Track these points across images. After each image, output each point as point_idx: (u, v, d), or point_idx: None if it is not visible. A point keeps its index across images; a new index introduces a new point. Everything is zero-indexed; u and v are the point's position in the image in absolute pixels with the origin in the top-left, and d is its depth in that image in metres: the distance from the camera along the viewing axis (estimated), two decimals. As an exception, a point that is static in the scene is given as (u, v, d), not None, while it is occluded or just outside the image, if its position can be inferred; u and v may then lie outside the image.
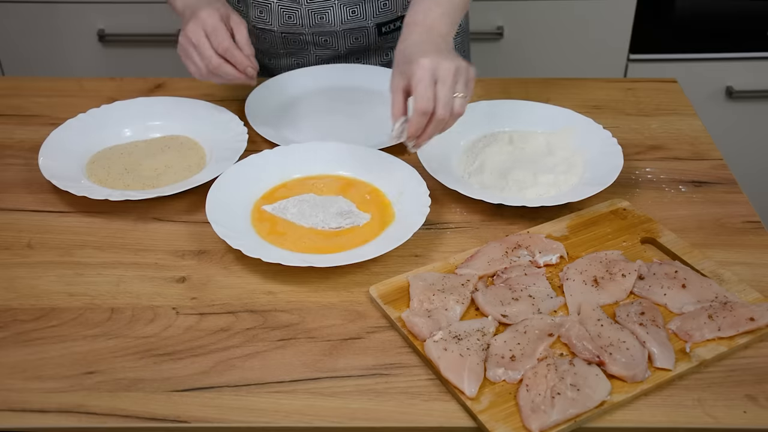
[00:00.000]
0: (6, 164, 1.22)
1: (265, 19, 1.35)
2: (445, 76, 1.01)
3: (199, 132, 1.27)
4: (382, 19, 1.37)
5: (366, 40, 1.39)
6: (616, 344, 0.89)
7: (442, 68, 1.01)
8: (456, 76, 1.02)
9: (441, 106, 1.01)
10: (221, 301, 0.99)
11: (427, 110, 1.01)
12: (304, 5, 1.32)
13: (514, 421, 0.83)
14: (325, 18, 1.33)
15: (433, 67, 1.01)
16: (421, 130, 1.03)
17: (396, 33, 1.39)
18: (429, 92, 1.01)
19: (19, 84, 1.42)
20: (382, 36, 1.39)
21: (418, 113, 1.02)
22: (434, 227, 1.10)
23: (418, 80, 1.01)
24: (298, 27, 1.35)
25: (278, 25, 1.35)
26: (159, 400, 0.87)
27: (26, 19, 2.07)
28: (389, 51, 1.43)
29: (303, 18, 1.34)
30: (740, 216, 1.12)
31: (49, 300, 0.99)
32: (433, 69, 1.01)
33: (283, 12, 1.33)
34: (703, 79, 2.12)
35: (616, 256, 1.02)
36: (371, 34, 1.38)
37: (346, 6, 1.33)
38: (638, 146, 1.26)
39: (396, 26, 1.39)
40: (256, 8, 1.35)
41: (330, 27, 1.35)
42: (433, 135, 1.05)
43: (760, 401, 0.86)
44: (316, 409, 0.86)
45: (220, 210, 1.07)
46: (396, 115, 1.06)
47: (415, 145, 1.06)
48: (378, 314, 0.97)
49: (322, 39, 1.37)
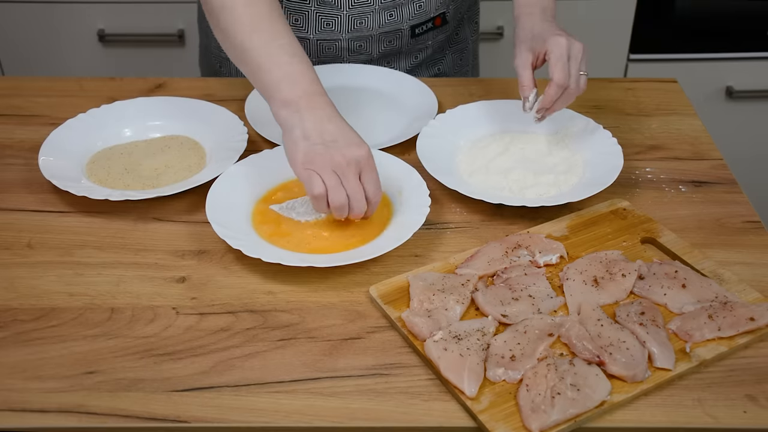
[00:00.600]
0: (6, 164, 1.22)
1: (301, 27, 1.34)
2: (576, 54, 1.11)
3: (199, 132, 1.27)
4: (416, 21, 1.37)
5: (399, 42, 1.38)
6: (616, 344, 0.89)
7: (574, 47, 1.11)
8: (583, 54, 1.12)
9: (573, 81, 1.11)
10: (221, 301, 0.99)
11: (564, 84, 1.10)
12: (345, 11, 1.31)
13: (514, 421, 0.83)
14: (364, 23, 1.33)
15: (568, 45, 1.11)
16: (553, 101, 1.12)
17: (428, 34, 1.40)
18: (566, 68, 1.10)
19: (19, 84, 1.41)
20: (415, 37, 1.39)
21: (556, 86, 1.10)
22: (434, 227, 1.10)
23: (557, 57, 1.10)
24: (335, 33, 1.34)
25: (314, 33, 1.34)
26: (159, 400, 0.87)
27: (26, 19, 2.07)
28: (419, 53, 1.43)
29: (342, 24, 1.33)
30: (740, 216, 1.12)
31: (49, 300, 0.99)
32: (568, 47, 1.11)
33: (321, 19, 1.32)
34: (703, 79, 2.12)
35: (616, 256, 1.02)
36: (405, 36, 1.38)
37: (385, 10, 1.33)
38: (638, 146, 1.26)
39: (428, 27, 1.39)
40: (290, 16, 1.33)
41: (367, 31, 1.34)
42: (560, 108, 1.14)
43: (760, 401, 0.86)
44: (316, 409, 0.86)
45: (220, 210, 1.07)
46: (528, 88, 1.14)
47: (542, 117, 1.15)
48: (378, 314, 0.97)
49: (357, 44, 1.36)
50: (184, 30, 2.09)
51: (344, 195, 0.99)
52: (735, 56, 2.10)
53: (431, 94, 1.34)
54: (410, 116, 1.31)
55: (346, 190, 0.99)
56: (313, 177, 0.99)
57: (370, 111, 1.34)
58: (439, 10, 1.38)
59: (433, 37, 1.42)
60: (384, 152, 1.18)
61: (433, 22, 1.38)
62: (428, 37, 1.40)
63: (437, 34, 1.42)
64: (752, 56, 2.10)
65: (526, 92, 1.14)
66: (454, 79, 1.44)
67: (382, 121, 1.31)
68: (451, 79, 1.44)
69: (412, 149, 1.21)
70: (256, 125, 1.26)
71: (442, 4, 1.37)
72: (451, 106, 1.31)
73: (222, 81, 1.43)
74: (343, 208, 1.00)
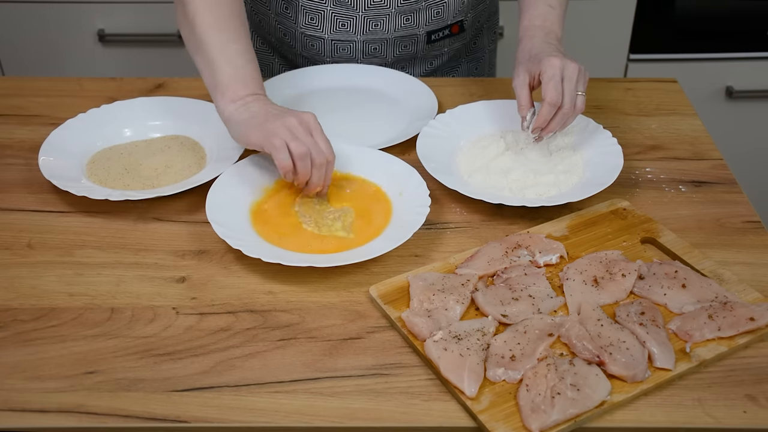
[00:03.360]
0: (6, 164, 1.22)
1: (316, 26, 1.35)
2: (571, 75, 1.12)
3: (199, 132, 1.27)
4: (432, 27, 1.37)
5: (414, 47, 1.39)
6: (616, 344, 0.89)
7: (569, 68, 1.13)
8: (579, 76, 1.13)
9: (567, 101, 1.12)
10: (221, 301, 0.99)
11: (556, 103, 1.12)
12: (361, 12, 1.32)
13: (514, 421, 0.83)
14: (379, 26, 1.34)
15: (561, 66, 1.12)
16: (548, 121, 1.14)
17: (444, 41, 1.40)
18: (559, 87, 1.12)
19: (19, 84, 1.41)
20: (431, 43, 1.39)
21: (548, 105, 1.12)
22: (434, 227, 1.10)
23: (549, 77, 1.12)
24: (350, 34, 1.35)
25: (329, 33, 1.35)
26: (159, 400, 0.87)
27: (26, 19, 2.07)
28: (434, 59, 1.43)
29: (357, 26, 1.34)
30: (740, 216, 1.12)
31: (49, 300, 0.99)
32: (561, 68, 1.12)
33: (336, 19, 1.33)
34: (703, 79, 2.12)
35: (616, 256, 1.02)
36: (420, 41, 1.38)
37: (401, 14, 1.33)
38: (638, 146, 1.26)
39: (445, 34, 1.39)
40: (306, 14, 1.34)
41: (382, 34, 1.35)
42: (556, 128, 1.15)
43: (760, 401, 0.86)
44: (316, 409, 0.86)
45: (220, 210, 1.07)
46: (525, 107, 1.17)
47: (539, 137, 1.17)
48: (378, 314, 0.97)
49: (372, 47, 1.37)
50: (184, 30, 2.09)
51: (304, 145, 1.05)
52: (735, 56, 2.10)
53: (431, 94, 1.34)
54: (410, 116, 1.31)
55: (304, 142, 1.06)
56: (270, 137, 1.06)
57: (370, 111, 1.34)
58: (457, 18, 1.38)
59: (450, 45, 1.42)
60: (384, 152, 1.18)
61: (450, 30, 1.38)
62: (444, 44, 1.40)
63: (454, 41, 1.42)
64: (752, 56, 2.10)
65: (524, 112, 1.17)
66: (454, 79, 1.44)
67: (382, 121, 1.31)
68: (451, 79, 1.44)
69: (412, 149, 1.21)
70: (256, 125, 1.26)
71: (460, 11, 1.37)
72: (451, 106, 1.31)
73: (222, 81, 1.43)
74: (306, 157, 1.05)
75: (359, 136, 1.26)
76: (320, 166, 1.06)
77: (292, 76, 1.39)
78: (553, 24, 1.22)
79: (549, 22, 1.22)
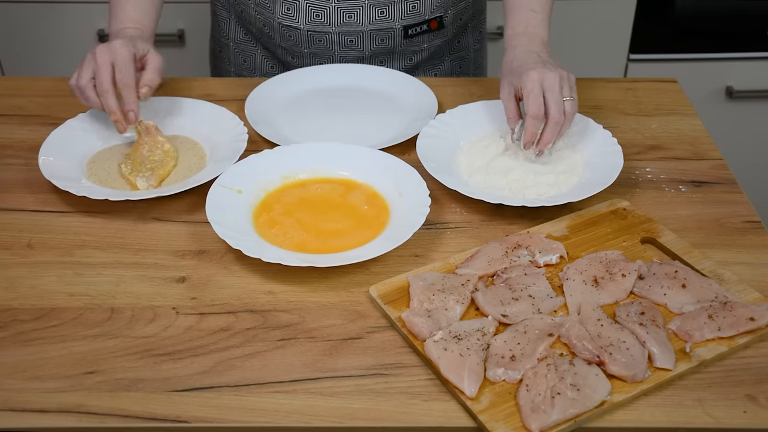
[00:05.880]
0: (6, 164, 1.22)
1: (292, 16, 1.36)
2: (551, 85, 1.12)
3: (199, 132, 1.27)
4: (409, 22, 1.37)
5: (392, 42, 1.39)
6: (616, 344, 0.89)
7: (548, 79, 1.12)
8: (561, 83, 1.12)
9: (554, 111, 1.12)
10: (221, 301, 0.99)
11: (538, 115, 1.12)
12: (333, 3, 1.33)
13: (514, 421, 0.83)
14: (353, 17, 1.34)
15: (540, 78, 1.12)
16: (537, 134, 1.14)
17: (422, 36, 1.40)
18: (539, 99, 1.12)
19: (19, 84, 1.42)
20: (408, 38, 1.39)
21: (531, 118, 1.12)
22: (434, 227, 1.10)
23: (528, 91, 1.12)
24: (325, 25, 1.35)
25: (305, 23, 1.36)
26: (159, 400, 0.87)
27: (26, 19, 2.07)
28: (413, 55, 1.44)
29: (331, 16, 1.34)
30: (740, 216, 1.12)
31: (49, 300, 0.99)
32: (540, 80, 1.12)
33: (311, 10, 1.34)
34: (703, 79, 2.12)
35: (616, 256, 1.02)
36: (397, 36, 1.38)
37: (375, 6, 1.33)
38: (638, 146, 1.26)
39: (422, 29, 1.39)
40: (283, 5, 1.35)
41: (357, 26, 1.35)
42: (552, 139, 1.14)
43: (760, 401, 0.86)
44: (316, 409, 0.86)
45: (220, 210, 1.07)
46: (512, 120, 1.17)
47: (539, 152, 1.15)
48: (378, 314, 0.97)
49: (347, 39, 1.37)
50: (184, 30, 2.09)
51: (89, 74, 1.17)
52: (735, 56, 2.10)
53: (431, 94, 1.34)
54: (410, 116, 1.31)
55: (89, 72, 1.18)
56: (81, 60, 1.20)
57: (370, 111, 1.34)
58: (435, 14, 1.38)
59: (429, 41, 1.42)
60: (384, 152, 1.18)
61: (429, 25, 1.38)
62: (423, 39, 1.40)
63: (433, 37, 1.42)
64: (752, 56, 2.10)
65: (512, 124, 1.18)
66: (454, 79, 1.44)
67: (382, 121, 1.31)
68: (451, 79, 1.44)
69: (412, 149, 1.21)
70: (256, 125, 1.26)
71: (438, 7, 1.37)
72: (451, 106, 1.31)
73: (222, 81, 1.43)
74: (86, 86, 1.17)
75: (359, 136, 1.26)
76: (103, 93, 1.16)
77: (292, 76, 1.39)
78: (536, 28, 1.21)
79: (532, 27, 1.21)
